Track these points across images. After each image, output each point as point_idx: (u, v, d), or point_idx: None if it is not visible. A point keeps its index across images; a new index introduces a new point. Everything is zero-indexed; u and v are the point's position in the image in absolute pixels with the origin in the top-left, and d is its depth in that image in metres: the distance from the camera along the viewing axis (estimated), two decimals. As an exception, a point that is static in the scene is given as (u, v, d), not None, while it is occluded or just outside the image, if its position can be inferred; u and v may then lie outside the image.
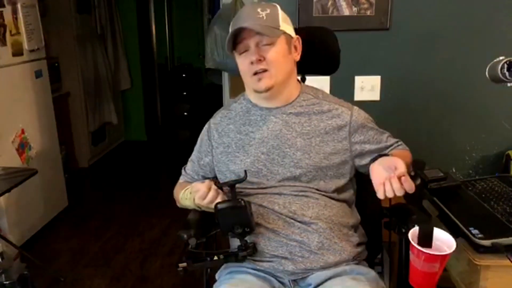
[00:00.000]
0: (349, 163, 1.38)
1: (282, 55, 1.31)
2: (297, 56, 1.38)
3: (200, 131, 1.52)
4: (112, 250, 2.87)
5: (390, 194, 1.14)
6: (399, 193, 1.13)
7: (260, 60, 1.28)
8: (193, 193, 1.29)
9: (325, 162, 1.34)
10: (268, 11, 1.30)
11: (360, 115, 1.39)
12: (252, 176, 1.34)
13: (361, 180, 1.46)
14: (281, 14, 1.33)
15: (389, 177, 1.14)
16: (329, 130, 1.35)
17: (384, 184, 1.14)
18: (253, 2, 1.37)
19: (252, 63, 1.29)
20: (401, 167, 1.14)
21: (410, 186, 1.13)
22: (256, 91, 1.34)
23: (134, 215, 3.38)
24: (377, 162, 1.23)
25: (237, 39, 1.30)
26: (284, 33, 1.31)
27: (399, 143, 1.44)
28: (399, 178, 1.13)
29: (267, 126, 1.37)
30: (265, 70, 1.29)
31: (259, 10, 1.30)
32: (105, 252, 2.85)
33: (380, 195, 1.15)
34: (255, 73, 1.30)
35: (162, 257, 2.78)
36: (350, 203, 1.43)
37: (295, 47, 1.37)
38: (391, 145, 1.41)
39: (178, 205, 1.52)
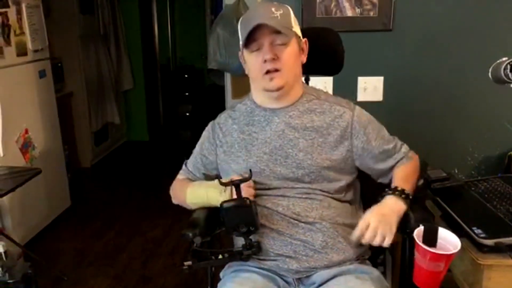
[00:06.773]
0: (350, 163, 1.39)
1: (294, 57, 1.33)
2: (304, 58, 1.39)
3: (202, 132, 1.53)
4: (114, 249, 2.88)
5: (364, 242, 1.23)
6: (374, 243, 1.22)
7: (274, 59, 1.28)
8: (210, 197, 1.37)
9: (327, 163, 1.34)
10: (282, 11, 1.30)
11: (362, 115, 1.40)
12: (254, 176, 1.34)
13: (364, 180, 1.46)
14: (292, 15, 1.34)
15: (375, 228, 1.21)
16: (331, 131, 1.36)
17: (367, 230, 1.22)
18: (264, 1, 1.36)
19: (265, 61, 1.29)
20: (391, 236, 1.21)
21: (387, 244, 1.21)
22: (267, 90, 1.34)
23: (137, 215, 3.38)
24: (376, 208, 1.27)
25: (250, 37, 1.29)
26: (296, 34, 1.33)
27: (403, 154, 1.42)
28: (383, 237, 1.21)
29: (270, 127, 1.38)
30: (277, 70, 1.30)
31: (273, 9, 1.29)
32: (108, 251, 2.86)
33: (355, 234, 1.24)
34: (267, 72, 1.30)
35: (165, 256, 2.79)
36: (354, 203, 1.44)
37: (303, 49, 1.38)
38: (395, 154, 1.41)
39: (174, 201, 1.53)
